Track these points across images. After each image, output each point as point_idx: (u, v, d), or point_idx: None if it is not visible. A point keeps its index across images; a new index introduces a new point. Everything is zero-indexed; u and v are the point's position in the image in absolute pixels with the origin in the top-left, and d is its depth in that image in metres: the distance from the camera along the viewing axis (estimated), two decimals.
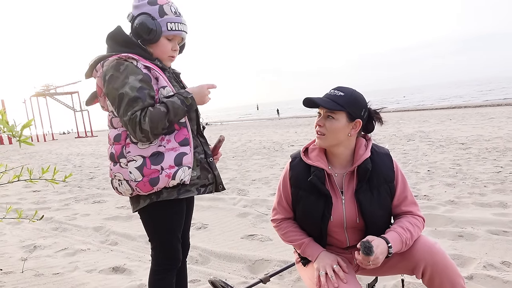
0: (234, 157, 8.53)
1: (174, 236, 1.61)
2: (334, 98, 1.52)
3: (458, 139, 8.07)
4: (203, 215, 4.05)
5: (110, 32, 1.56)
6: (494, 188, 4.03)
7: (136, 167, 1.46)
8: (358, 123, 1.54)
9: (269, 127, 20.10)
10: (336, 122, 1.51)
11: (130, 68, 1.44)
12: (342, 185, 1.60)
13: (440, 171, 5.11)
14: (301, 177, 1.61)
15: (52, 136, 32.85)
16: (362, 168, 1.54)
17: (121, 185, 1.53)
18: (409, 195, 1.60)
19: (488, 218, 3.08)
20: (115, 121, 1.55)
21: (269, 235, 3.22)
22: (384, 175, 1.56)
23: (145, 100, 1.41)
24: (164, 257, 1.62)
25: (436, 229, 2.99)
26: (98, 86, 1.57)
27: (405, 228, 1.50)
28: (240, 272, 2.58)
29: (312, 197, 1.58)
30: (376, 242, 1.40)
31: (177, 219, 1.61)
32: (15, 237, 3.69)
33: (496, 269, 2.26)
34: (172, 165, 1.47)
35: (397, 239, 1.46)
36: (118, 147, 1.51)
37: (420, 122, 13.99)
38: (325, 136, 1.54)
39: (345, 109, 1.50)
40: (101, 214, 4.44)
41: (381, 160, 1.59)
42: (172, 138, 1.50)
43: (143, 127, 1.38)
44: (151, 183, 1.45)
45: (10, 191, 6.38)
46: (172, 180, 1.47)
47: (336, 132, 1.52)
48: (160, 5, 1.51)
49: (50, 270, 2.78)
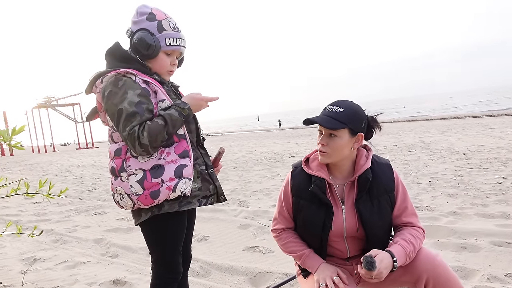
0: (235, 168, 8.52)
1: (175, 249, 1.60)
2: (334, 115, 1.51)
3: (459, 150, 8.06)
4: (204, 226, 4.03)
5: (108, 49, 1.59)
6: (497, 198, 4.01)
7: (137, 180, 1.46)
8: (360, 137, 1.55)
9: (269, 137, 20.12)
10: (339, 140, 1.51)
11: (128, 83, 1.46)
12: (342, 195, 1.60)
13: (442, 182, 5.09)
14: (302, 186, 1.62)
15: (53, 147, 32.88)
16: (363, 178, 1.55)
17: (122, 199, 1.53)
18: (409, 205, 1.60)
19: (491, 229, 3.06)
20: (115, 135, 1.56)
21: (270, 247, 3.20)
22: (385, 185, 1.57)
23: (143, 115, 1.42)
24: (165, 270, 1.61)
25: (438, 240, 2.97)
26: (98, 101, 1.58)
27: (407, 240, 1.50)
28: (241, 284, 2.56)
29: (313, 206, 1.58)
30: (380, 257, 1.40)
31: (178, 232, 1.60)
32: (15, 250, 3.67)
33: (500, 281, 2.24)
34: (172, 177, 1.47)
35: (402, 253, 1.46)
36: (118, 161, 1.52)
37: (420, 132, 14.00)
38: (329, 154, 1.54)
39: (347, 126, 1.50)
40: (101, 226, 4.42)
41: (382, 170, 1.59)
42: (172, 150, 1.50)
43: (142, 141, 1.39)
44: (152, 196, 1.46)
45: (11, 203, 6.36)
46: (173, 193, 1.47)
47: (340, 149, 1.53)
48: (158, 21, 1.54)
49: (50, 283, 2.76)
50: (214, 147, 16.32)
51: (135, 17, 1.57)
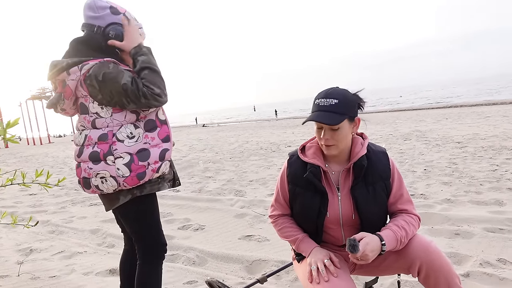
0: (231, 158, 8.52)
1: (158, 228, 1.72)
2: (331, 108, 1.49)
3: (454, 138, 8.10)
4: (200, 216, 4.04)
5: (80, 37, 1.62)
6: (490, 186, 4.05)
7: (124, 163, 1.54)
8: (358, 121, 1.56)
9: (266, 128, 20.10)
10: (342, 130, 1.51)
11: (116, 66, 1.54)
12: (338, 182, 1.61)
13: (437, 170, 5.13)
14: (298, 174, 1.63)
15: (49, 139, 32.69)
16: (358, 165, 1.56)
17: (104, 182, 1.57)
18: (405, 193, 1.61)
19: (484, 216, 3.09)
20: (99, 122, 1.59)
21: (266, 235, 3.22)
22: (380, 172, 1.58)
23: (132, 74, 1.55)
24: (152, 249, 1.71)
25: (432, 227, 3.00)
26: (70, 88, 1.58)
27: (400, 226, 1.51)
28: (237, 272, 2.58)
29: (309, 193, 1.60)
30: (367, 240, 1.41)
31: (157, 212, 1.73)
32: (11, 241, 3.67)
33: (493, 266, 2.27)
34: (157, 160, 1.60)
35: (392, 237, 1.47)
36: (104, 146, 1.57)
37: (416, 121, 14.04)
38: (336, 145, 1.54)
39: (346, 116, 1.50)
40: (97, 216, 4.42)
41: (377, 157, 1.60)
42: (156, 135, 1.62)
43: (155, 92, 1.52)
44: (138, 178, 1.57)
45: (6, 195, 6.35)
46: (156, 173, 1.61)
47: (345, 138, 1.53)
48: (122, 13, 1.62)
49: (47, 273, 2.77)
50: (210, 138, 16.30)
51: (95, 12, 1.59)
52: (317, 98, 1.55)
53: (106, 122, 1.58)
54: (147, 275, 1.70)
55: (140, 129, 1.60)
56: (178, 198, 4.96)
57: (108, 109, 1.57)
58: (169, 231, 3.62)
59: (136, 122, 1.60)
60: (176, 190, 5.47)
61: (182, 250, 3.04)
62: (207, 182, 5.95)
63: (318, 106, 1.53)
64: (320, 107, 1.52)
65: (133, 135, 1.58)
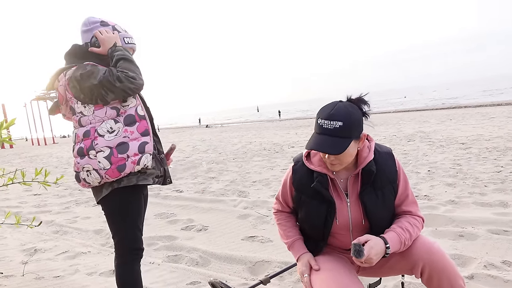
0: (234, 159, 8.53)
1: (135, 225, 1.76)
2: (335, 132, 1.41)
3: (459, 139, 8.06)
4: (203, 217, 4.05)
5: (67, 51, 1.78)
6: (495, 187, 4.03)
7: (105, 156, 1.64)
8: (363, 136, 1.50)
9: (269, 128, 20.09)
10: (348, 152, 1.45)
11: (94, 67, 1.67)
12: (346, 188, 1.59)
13: (441, 171, 5.10)
14: (303, 181, 1.61)
15: (53, 139, 32.86)
16: (366, 171, 1.53)
17: (89, 175, 1.68)
18: (410, 194, 1.60)
19: (489, 218, 3.07)
20: (83, 120, 1.71)
21: (269, 236, 3.22)
22: (388, 176, 1.56)
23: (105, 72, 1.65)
24: (129, 247, 1.76)
25: (436, 229, 2.99)
26: (61, 94, 1.77)
27: (404, 228, 1.50)
28: (240, 273, 2.58)
29: (315, 202, 1.58)
30: (371, 243, 1.41)
31: (136, 207, 1.76)
32: (15, 241, 3.70)
33: (497, 268, 2.26)
34: (136, 153, 1.68)
35: (396, 240, 1.46)
36: (88, 141, 1.68)
37: (420, 122, 13.98)
38: (340, 164, 1.50)
39: (352, 138, 1.43)
40: (101, 217, 4.44)
41: (384, 160, 1.57)
42: (135, 129, 1.71)
43: (129, 75, 1.63)
44: (119, 170, 1.65)
45: (11, 195, 6.39)
46: (137, 166, 1.68)
47: (350, 156, 1.49)
48: (112, 25, 1.79)
49: (51, 273, 2.78)
50: (213, 138, 16.32)
51: (87, 26, 1.76)
52: (319, 118, 1.46)
53: (89, 120, 1.70)
54: (122, 275, 1.76)
55: (120, 123, 1.70)
56: (182, 198, 4.97)
57: (90, 107, 1.68)
58: (172, 231, 3.63)
59: (117, 118, 1.70)
60: (180, 191, 5.49)
61: (186, 251, 3.05)
62: (210, 183, 5.96)
63: (321, 128, 1.44)
64: (323, 130, 1.43)
65: (113, 129, 1.68)
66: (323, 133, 1.44)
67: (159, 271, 2.67)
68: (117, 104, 1.70)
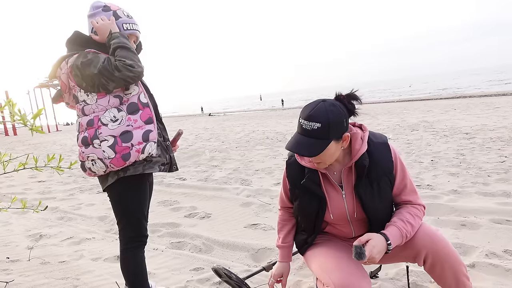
0: (237, 148, 8.54)
1: (141, 212, 1.76)
2: (313, 134, 1.40)
3: (462, 129, 8.02)
4: (206, 204, 4.08)
5: (68, 38, 1.75)
6: (498, 177, 4.02)
7: (109, 146, 1.64)
8: (346, 137, 1.48)
9: (272, 117, 20.04)
10: (327, 151, 1.43)
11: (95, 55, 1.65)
12: (341, 181, 1.59)
13: (444, 161, 5.09)
14: (296, 177, 1.64)
15: (56, 127, 32.97)
16: (359, 165, 1.52)
17: (94, 164, 1.68)
18: (408, 183, 1.59)
19: (491, 208, 3.08)
20: (87, 109, 1.71)
21: (272, 224, 3.24)
22: (383, 167, 1.54)
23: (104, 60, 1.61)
24: (134, 234, 1.76)
25: (439, 218, 2.99)
26: (63, 82, 1.74)
27: (405, 221, 1.50)
28: (243, 260, 2.61)
29: (306, 196, 1.61)
30: (373, 242, 1.40)
31: (141, 194, 1.76)
32: (21, 227, 3.74)
33: (498, 257, 2.27)
34: (140, 141, 1.67)
35: (397, 234, 1.46)
36: (91, 130, 1.68)
37: (424, 112, 13.90)
38: (323, 163, 1.50)
39: (329, 140, 1.41)
40: (105, 204, 4.48)
41: (379, 151, 1.54)
42: (138, 117, 1.70)
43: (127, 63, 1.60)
44: (123, 159, 1.64)
45: (16, 182, 6.44)
46: (141, 154, 1.67)
47: (332, 155, 1.48)
48: (113, 10, 1.74)
49: (56, 258, 2.82)
50: (216, 126, 16.31)
51: (91, 11, 1.74)
52: (300, 117, 1.45)
53: (92, 108, 1.69)
54: (127, 261, 1.78)
55: (123, 112, 1.69)
56: (185, 186, 5.00)
57: (93, 96, 1.67)
58: (176, 218, 3.66)
59: (120, 106, 1.69)
60: (183, 179, 5.51)
61: (189, 238, 3.08)
62: (213, 171, 5.98)
63: (301, 128, 1.44)
64: (302, 131, 1.43)
65: (116, 118, 1.67)
66: (302, 134, 1.43)
67: (163, 257, 2.70)
68: (120, 92, 1.68)
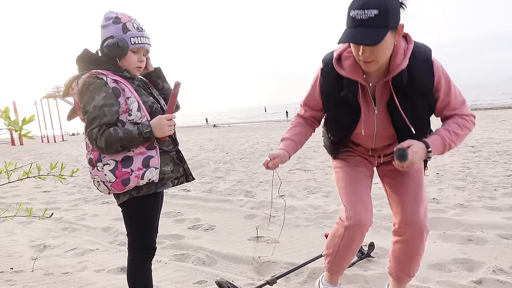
0: (241, 159, 8.54)
1: (152, 226, 1.77)
2: (370, 22, 1.26)
3: (468, 142, 7.97)
4: (210, 216, 4.06)
5: (78, 55, 1.74)
6: (505, 191, 3.98)
7: (110, 170, 1.66)
8: (401, 28, 1.36)
9: (276, 129, 20.07)
10: (384, 44, 1.32)
11: (98, 87, 1.61)
12: (375, 95, 1.52)
13: (449, 174, 5.06)
14: (331, 86, 1.57)
15: (62, 137, 33.23)
16: (396, 81, 1.44)
17: (99, 185, 1.72)
18: (453, 98, 1.51)
19: (498, 222, 3.04)
20: None
21: (276, 237, 3.22)
22: (422, 86, 1.45)
23: (103, 118, 1.59)
24: (142, 246, 1.77)
25: (445, 232, 2.96)
26: (76, 101, 1.76)
27: (450, 131, 1.48)
28: (246, 273, 2.59)
29: (341, 108, 1.58)
30: (415, 148, 1.41)
31: (154, 212, 1.78)
32: (25, 237, 3.75)
33: (506, 273, 2.23)
34: (140, 167, 1.67)
35: (439, 143, 1.47)
36: (96, 153, 1.69)
37: None
38: (375, 61, 1.38)
39: (388, 28, 1.29)
40: (109, 214, 4.48)
41: (420, 68, 1.44)
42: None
43: (98, 144, 1.59)
44: (123, 183, 1.65)
45: (21, 191, 6.48)
46: (141, 180, 1.66)
47: (386, 52, 1.36)
48: (123, 23, 1.71)
49: (60, 269, 2.82)
50: (220, 138, 16.35)
51: (103, 22, 1.74)
52: (351, 9, 1.30)
53: None
54: (134, 273, 1.78)
55: None
56: (189, 198, 5.00)
57: None
58: (179, 230, 3.65)
59: None
60: (187, 190, 5.51)
61: (192, 250, 3.07)
62: (217, 183, 5.97)
63: (354, 20, 1.30)
64: (357, 22, 1.29)
65: None
66: (356, 26, 1.30)
67: (166, 270, 2.69)
68: (123, 117, 1.67)
